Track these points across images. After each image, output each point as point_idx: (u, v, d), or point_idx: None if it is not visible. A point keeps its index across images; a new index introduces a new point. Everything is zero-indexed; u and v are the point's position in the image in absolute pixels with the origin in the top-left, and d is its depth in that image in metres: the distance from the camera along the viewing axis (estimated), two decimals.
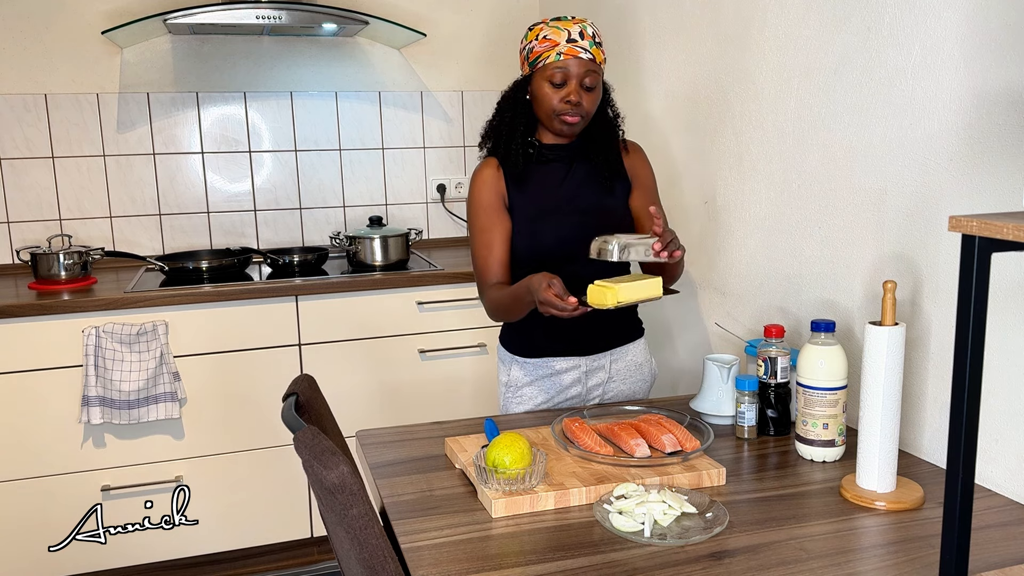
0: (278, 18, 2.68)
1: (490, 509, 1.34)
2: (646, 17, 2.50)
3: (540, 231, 1.79)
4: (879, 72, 1.63)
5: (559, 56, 1.72)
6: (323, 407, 1.58)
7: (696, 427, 1.59)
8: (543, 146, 1.84)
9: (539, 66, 1.75)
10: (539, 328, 1.83)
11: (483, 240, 1.80)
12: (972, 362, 0.91)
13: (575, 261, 1.79)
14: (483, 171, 1.83)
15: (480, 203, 1.81)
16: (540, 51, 1.74)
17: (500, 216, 1.80)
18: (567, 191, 1.82)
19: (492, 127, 1.86)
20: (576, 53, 1.72)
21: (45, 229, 2.93)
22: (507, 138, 1.81)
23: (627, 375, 1.91)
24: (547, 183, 1.82)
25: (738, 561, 1.18)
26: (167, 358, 2.48)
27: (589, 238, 1.77)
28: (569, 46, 1.72)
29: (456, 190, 3.34)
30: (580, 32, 1.73)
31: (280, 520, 2.70)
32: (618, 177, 1.86)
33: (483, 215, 1.80)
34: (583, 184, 1.83)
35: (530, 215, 1.80)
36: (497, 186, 1.81)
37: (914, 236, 1.58)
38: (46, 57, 2.86)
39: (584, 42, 1.73)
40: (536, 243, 1.79)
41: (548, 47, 1.73)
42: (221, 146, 3.07)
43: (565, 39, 1.72)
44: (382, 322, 2.71)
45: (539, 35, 1.75)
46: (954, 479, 0.93)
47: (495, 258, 1.79)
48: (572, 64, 1.72)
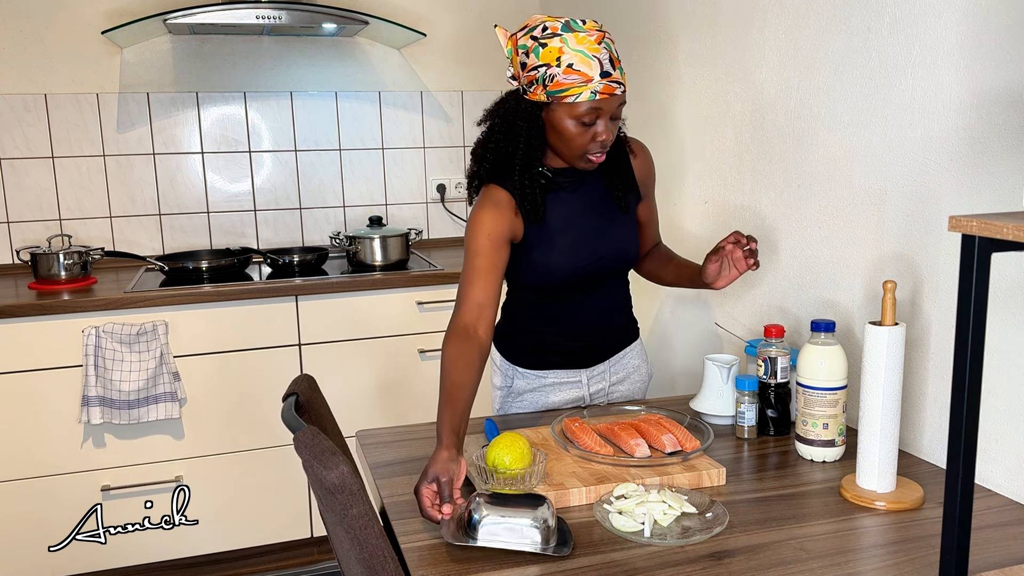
0: (278, 18, 2.68)
1: None
2: (646, 17, 2.50)
3: (552, 264, 1.68)
4: (879, 72, 1.63)
5: (593, 95, 1.49)
6: (323, 407, 1.58)
7: (696, 427, 1.59)
8: (554, 171, 1.67)
9: (566, 100, 1.51)
10: (535, 345, 1.81)
11: (473, 265, 1.59)
12: (972, 362, 0.91)
13: (581, 289, 1.74)
14: (500, 209, 1.61)
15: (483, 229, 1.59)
16: (567, 84, 1.49)
17: (498, 250, 1.60)
18: (580, 220, 1.69)
19: (495, 150, 1.63)
20: (612, 91, 1.51)
21: (45, 229, 2.93)
22: (522, 170, 1.60)
23: (625, 377, 1.91)
24: (559, 214, 1.67)
25: (738, 561, 1.18)
26: (167, 358, 2.48)
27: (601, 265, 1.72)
28: (605, 83, 1.49)
29: (456, 190, 3.34)
30: (610, 58, 1.51)
31: (280, 520, 2.70)
32: (630, 191, 1.76)
33: (483, 241, 1.59)
34: (595, 209, 1.71)
35: (542, 248, 1.67)
36: (509, 221, 1.62)
37: (914, 236, 1.58)
38: (46, 57, 2.86)
39: (616, 72, 1.51)
40: (546, 275, 1.69)
41: (579, 82, 1.49)
42: (221, 146, 3.07)
43: (598, 72, 1.49)
44: (382, 322, 2.71)
45: (561, 60, 1.49)
46: (954, 479, 0.93)
47: (476, 293, 1.57)
48: (606, 103, 1.52)
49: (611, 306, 1.81)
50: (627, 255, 1.75)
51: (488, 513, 1.21)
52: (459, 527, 1.24)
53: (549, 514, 1.21)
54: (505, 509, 1.22)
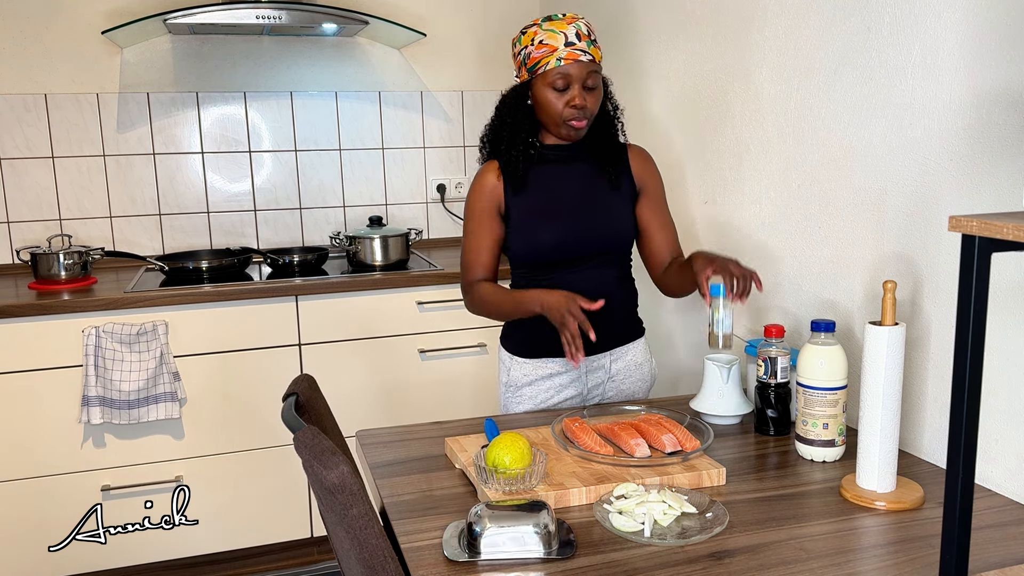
0: (278, 18, 2.68)
1: None
2: (646, 17, 2.50)
3: (539, 234, 1.79)
4: (879, 72, 1.63)
5: (559, 62, 1.70)
6: (323, 407, 1.58)
7: (696, 427, 1.59)
8: (544, 147, 1.83)
9: (539, 72, 1.73)
10: (539, 327, 1.83)
11: (471, 244, 1.83)
12: (972, 362, 0.91)
13: (574, 263, 1.80)
14: (483, 176, 1.83)
15: (474, 207, 1.82)
16: (538, 57, 1.72)
17: (492, 222, 1.81)
18: (568, 192, 1.81)
19: (492, 130, 1.84)
20: (576, 57, 1.70)
21: (45, 229, 2.93)
22: (508, 142, 1.80)
23: (627, 375, 1.91)
24: (548, 185, 1.81)
25: (738, 561, 1.18)
26: (167, 358, 2.48)
27: (590, 239, 1.78)
28: (568, 50, 1.70)
29: (456, 190, 3.34)
30: (576, 33, 1.71)
31: (280, 520, 2.70)
32: (624, 173, 1.85)
33: (475, 219, 1.82)
34: (585, 183, 1.83)
35: (530, 218, 1.80)
36: (495, 192, 1.81)
37: (914, 236, 1.58)
38: (46, 57, 2.86)
39: (582, 43, 1.71)
40: (535, 246, 1.79)
41: (546, 52, 1.71)
42: (221, 146, 3.07)
43: (563, 43, 1.70)
44: (382, 322, 2.71)
45: (534, 39, 1.73)
46: (954, 479, 0.93)
47: (478, 258, 1.82)
48: (573, 68, 1.70)
49: (605, 290, 1.81)
50: (616, 232, 1.81)
51: (489, 525, 1.20)
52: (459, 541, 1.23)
53: (549, 519, 1.21)
54: (505, 519, 1.21)
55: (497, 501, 1.27)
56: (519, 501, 1.27)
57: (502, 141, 1.81)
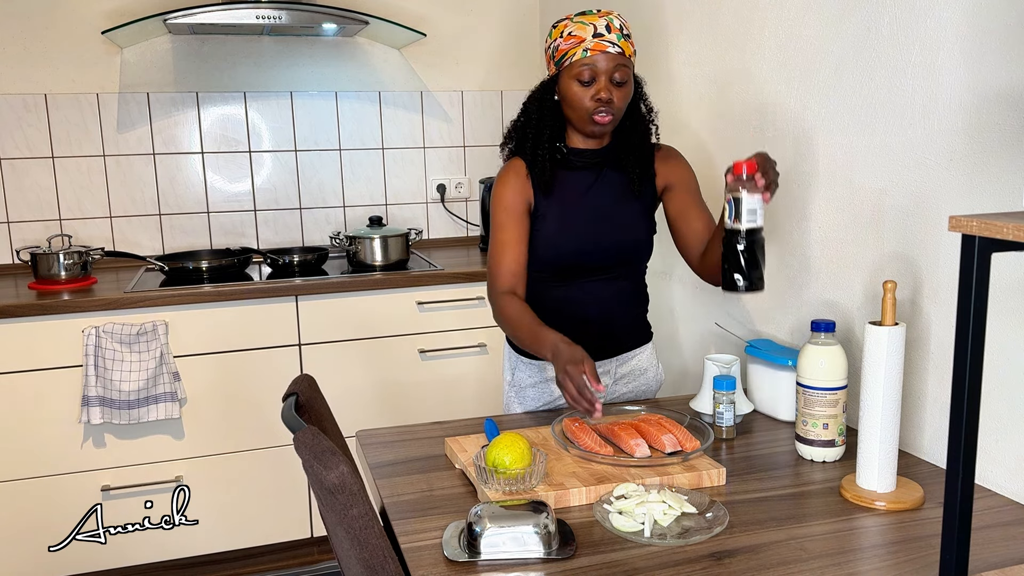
0: (278, 18, 2.68)
1: None
2: (645, 17, 2.50)
3: (558, 243, 1.74)
4: (879, 72, 1.63)
5: (586, 52, 1.63)
6: (323, 407, 1.58)
7: (696, 427, 1.59)
8: (572, 151, 1.77)
9: (565, 64, 1.66)
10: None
11: (498, 239, 1.75)
12: (972, 362, 0.91)
13: (591, 272, 1.78)
14: (509, 172, 1.76)
15: (502, 202, 1.75)
16: (566, 48, 1.66)
17: (519, 219, 1.74)
18: (592, 202, 1.76)
19: (517, 127, 1.79)
20: (603, 48, 1.63)
21: (45, 229, 2.93)
22: (533, 141, 1.74)
23: (631, 379, 1.90)
24: (573, 192, 1.76)
25: (738, 561, 1.18)
26: (167, 358, 2.48)
27: (610, 252, 1.76)
28: (596, 41, 1.63)
29: (456, 190, 3.34)
30: (607, 25, 1.64)
31: (280, 520, 2.70)
32: (647, 181, 1.79)
33: (502, 214, 1.74)
34: (610, 195, 1.77)
35: (553, 223, 1.75)
36: (523, 189, 1.74)
37: (914, 236, 1.58)
38: (46, 57, 2.86)
39: (611, 35, 1.64)
40: (553, 254, 1.75)
41: (574, 44, 1.64)
42: (221, 146, 3.07)
43: (591, 34, 1.64)
44: (382, 322, 2.71)
45: (564, 32, 1.67)
46: (954, 479, 0.93)
47: (507, 263, 1.73)
48: (600, 60, 1.63)
49: (618, 300, 1.81)
50: (635, 246, 1.78)
51: (489, 525, 1.20)
52: (459, 542, 1.23)
53: (549, 519, 1.21)
54: (505, 519, 1.21)
55: (497, 501, 1.27)
56: (519, 501, 1.27)
57: (527, 139, 1.75)
